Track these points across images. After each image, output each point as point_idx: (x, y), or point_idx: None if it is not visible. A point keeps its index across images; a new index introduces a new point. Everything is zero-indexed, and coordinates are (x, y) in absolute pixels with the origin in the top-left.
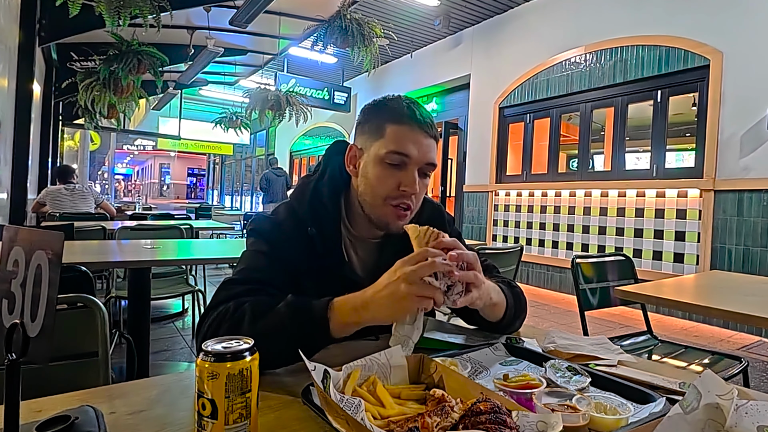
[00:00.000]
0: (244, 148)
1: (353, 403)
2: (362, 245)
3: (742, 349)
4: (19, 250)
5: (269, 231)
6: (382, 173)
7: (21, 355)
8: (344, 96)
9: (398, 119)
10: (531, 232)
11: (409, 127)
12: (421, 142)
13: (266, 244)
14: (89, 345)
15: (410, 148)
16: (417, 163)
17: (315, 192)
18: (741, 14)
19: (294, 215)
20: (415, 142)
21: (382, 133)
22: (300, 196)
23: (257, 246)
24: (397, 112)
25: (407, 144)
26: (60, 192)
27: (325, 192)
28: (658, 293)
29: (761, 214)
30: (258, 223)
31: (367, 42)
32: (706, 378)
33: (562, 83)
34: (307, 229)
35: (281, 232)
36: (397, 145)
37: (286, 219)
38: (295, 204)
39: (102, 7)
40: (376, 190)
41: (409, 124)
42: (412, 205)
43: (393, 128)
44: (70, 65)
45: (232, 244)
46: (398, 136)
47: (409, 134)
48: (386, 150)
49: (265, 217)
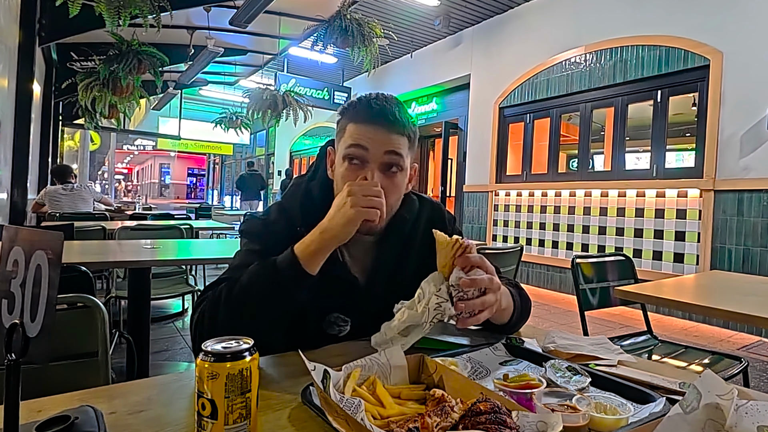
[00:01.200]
0: (244, 148)
1: (353, 403)
2: (356, 244)
3: (742, 349)
4: (19, 250)
5: (260, 231)
6: (344, 172)
7: (21, 355)
8: (344, 96)
9: (356, 116)
10: (531, 232)
11: (365, 123)
12: (376, 137)
13: (257, 243)
14: (89, 345)
15: (364, 144)
16: (375, 160)
17: (306, 192)
18: (741, 14)
19: (285, 215)
20: (369, 138)
21: (344, 132)
22: (291, 196)
23: (248, 245)
24: (356, 110)
25: (361, 140)
26: (58, 192)
27: (317, 192)
28: (658, 293)
29: (761, 214)
30: (249, 224)
31: (367, 42)
32: (706, 378)
33: (562, 83)
34: (297, 228)
35: (272, 231)
36: (352, 141)
37: (276, 219)
38: (286, 204)
39: (102, 7)
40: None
41: (363, 120)
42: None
43: (351, 126)
44: (70, 65)
45: (232, 244)
46: (354, 133)
47: (363, 129)
48: (344, 148)
49: (257, 217)
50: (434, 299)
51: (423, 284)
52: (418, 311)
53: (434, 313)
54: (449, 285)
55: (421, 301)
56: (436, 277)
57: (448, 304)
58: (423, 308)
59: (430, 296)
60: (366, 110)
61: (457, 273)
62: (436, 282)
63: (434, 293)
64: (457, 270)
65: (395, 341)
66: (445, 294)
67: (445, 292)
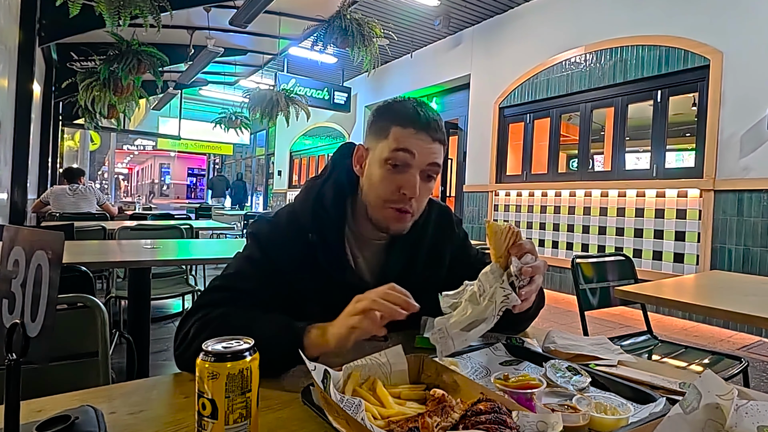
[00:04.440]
0: (244, 148)
1: (353, 403)
2: (368, 246)
3: (742, 349)
4: (19, 250)
5: (267, 235)
6: (384, 175)
7: (21, 355)
8: (344, 96)
9: (402, 121)
10: (531, 232)
11: (413, 130)
12: (424, 145)
13: (260, 250)
14: (89, 345)
15: (411, 151)
16: (419, 166)
17: (319, 195)
18: (741, 14)
19: (295, 220)
20: (417, 145)
21: (387, 134)
22: (304, 199)
23: (250, 251)
24: (402, 114)
25: (409, 146)
26: (64, 192)
27: (330, 195)
28: (658, 293)
29: (761, 214)
30: (257, 226)
31: (367, 42)
32: (706, 378)
33: (562, 83)
34: (308, 235)
35: (279, 236)
36: (399, 147)
37: (286, 224)
38: (297, 207)
39: (102, 7)
40: (378, 192)
41: (412, 126)
42: (412, 209)
43: (396, 130)
44: (70, 65)
45: (232, 244)
46: (401, 138)
47: (411, 136)
48: (389, 151)
49: (266, 220)
50: (500, 291)
51: (481, 277)
52: (482, 306)
53: (501, 305)
54: (510, 275)
55: (483, 294)
56: (495, 269)
57: (514, 295)
58: (487, 302)
59: (494, 289)
60: (414, 116)
61: (515, 262)
62: (495, 274)
63: (499, 285)
64: (514, 259)
65: (457, 339)
66: (508, 285)
67: (507, 283)
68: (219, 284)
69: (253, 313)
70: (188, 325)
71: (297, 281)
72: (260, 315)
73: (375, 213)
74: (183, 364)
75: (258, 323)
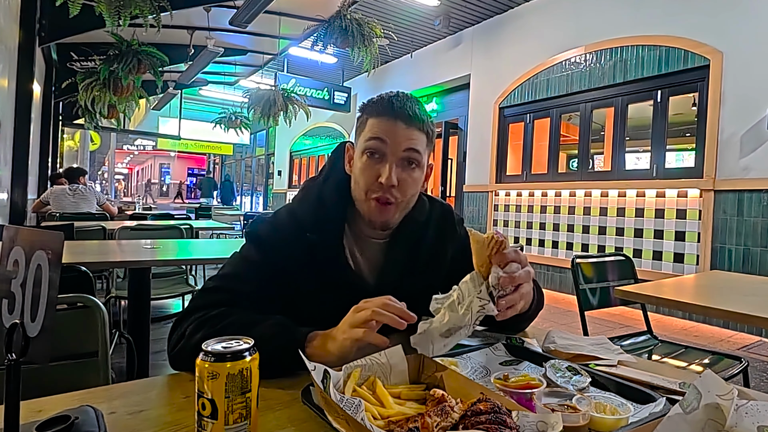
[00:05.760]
0: (244, 148)
1: (353, 403)
2: (368, 246)
3: (742, 349)
4: (19, 250)
5: (266, 235)
6: (363, 165)
7: (21, 355)
8: (344, 96)
9: (377, 112)
10: (531, 232)
11: (385, 118)
12: (397, 131)
13: (258, 251)
14: (89, 345)
15: (383, 138)
16: (394, 153)
17: (318, 195)
18: (741, 14)
19: (294, 219)
20: (390, 131)
21: (364, 127)
22: (303, 199)
23: (248, 252)
24: (377, 105)
25: (380, 134)
26: (64, 192)
27: (329, 194)
28: (658, 293)
29: (761, 214)
30: (256, 225)
31: (367, 42)
32: (706, 378)
33: (562, 83)
34: (307, 235)
35: (278, 236)
36: (372, 136)
37: (285, 223)
38: (296, 207)
39: (102, 7)
40: (359, 183)
41: (385, 114)
42: (394, 198)
43: (371, 121)
44: (70, 65)
45: (232, 244)
46: (374, 127)
47: (384, 124)
48: (364, 141)
49: (265, 220)
50: (476, 302)
51: (461, 285)
52: (459, 313)
53: (477, 315)
54: (489, 285)
55: (461, 303)
56: (475, 277)
57: (491, 305)
58: (464, 310)
59: (472, 298)
60: (387, 106)
61: (495, 271)
62: (475, 283)
63: (476, 295)
64: (495, 268)
65: (436, 343)
66: (486, 295)
67: (485, 293)
68: (216, 285)
69: (252, 313)
70: (185, 325)
71: (296, 281)
72: (260, 316)
73: (361, 206)
74: (178, 364)
75: (257, 324)
